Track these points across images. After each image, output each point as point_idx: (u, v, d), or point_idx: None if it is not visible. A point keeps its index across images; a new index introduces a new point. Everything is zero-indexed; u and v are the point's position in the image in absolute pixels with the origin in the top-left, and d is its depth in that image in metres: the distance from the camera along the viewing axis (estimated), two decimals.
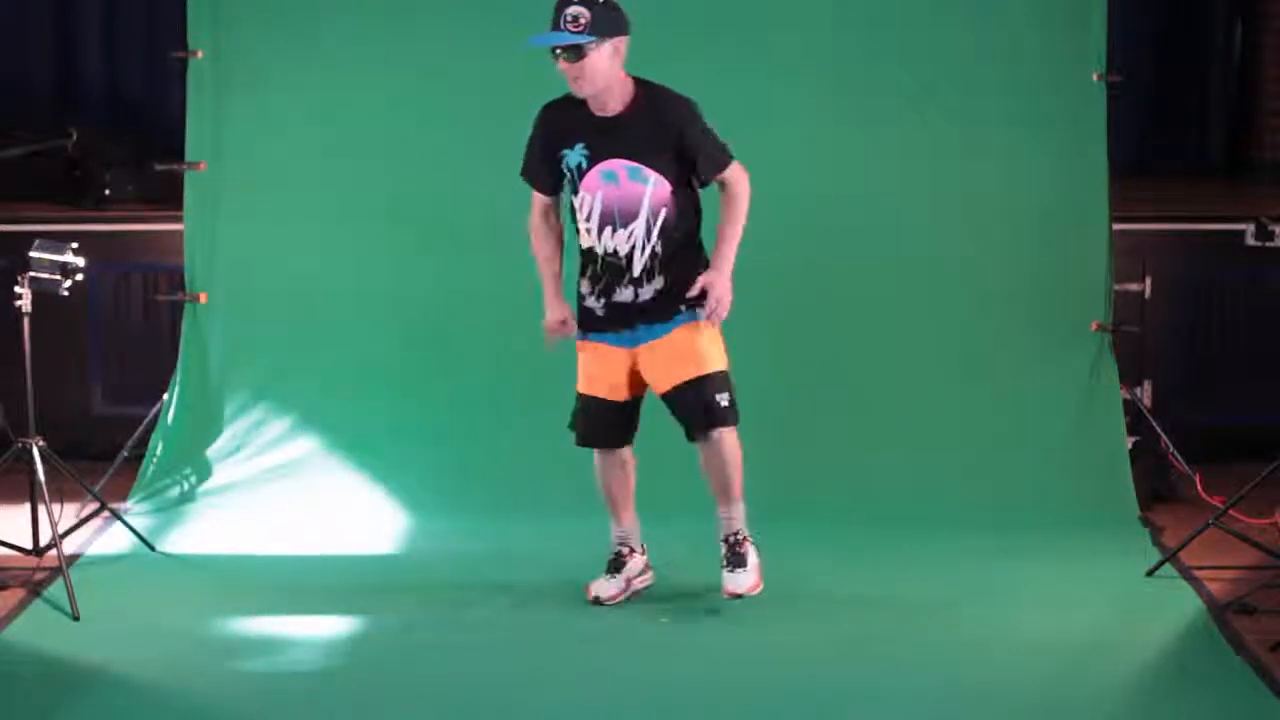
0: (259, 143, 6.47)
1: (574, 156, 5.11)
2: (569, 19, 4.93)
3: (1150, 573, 5.55)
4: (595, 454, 5.31)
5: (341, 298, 6.44)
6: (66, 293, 5.57)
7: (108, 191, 7.11)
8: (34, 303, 5.51)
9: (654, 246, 5.08)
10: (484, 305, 6.38)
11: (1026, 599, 5.39)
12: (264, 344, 6.46)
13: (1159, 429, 6.31)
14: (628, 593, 5.33)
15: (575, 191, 5.15)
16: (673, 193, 5.08)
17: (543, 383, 6.21)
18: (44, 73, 8.11)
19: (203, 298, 6.43)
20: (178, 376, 6.44)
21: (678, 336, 5.12)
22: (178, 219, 6.49)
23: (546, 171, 5.20)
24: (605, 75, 4.99)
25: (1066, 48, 6.29)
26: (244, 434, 6.40)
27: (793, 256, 5.97)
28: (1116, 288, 6.29)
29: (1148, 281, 6.33)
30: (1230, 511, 5.64)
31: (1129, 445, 6.23)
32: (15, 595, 5.33)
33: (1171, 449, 6.29)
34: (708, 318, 5.08)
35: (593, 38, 4.93)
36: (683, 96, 5.10)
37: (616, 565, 5.33)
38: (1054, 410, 6.25)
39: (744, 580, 5.18)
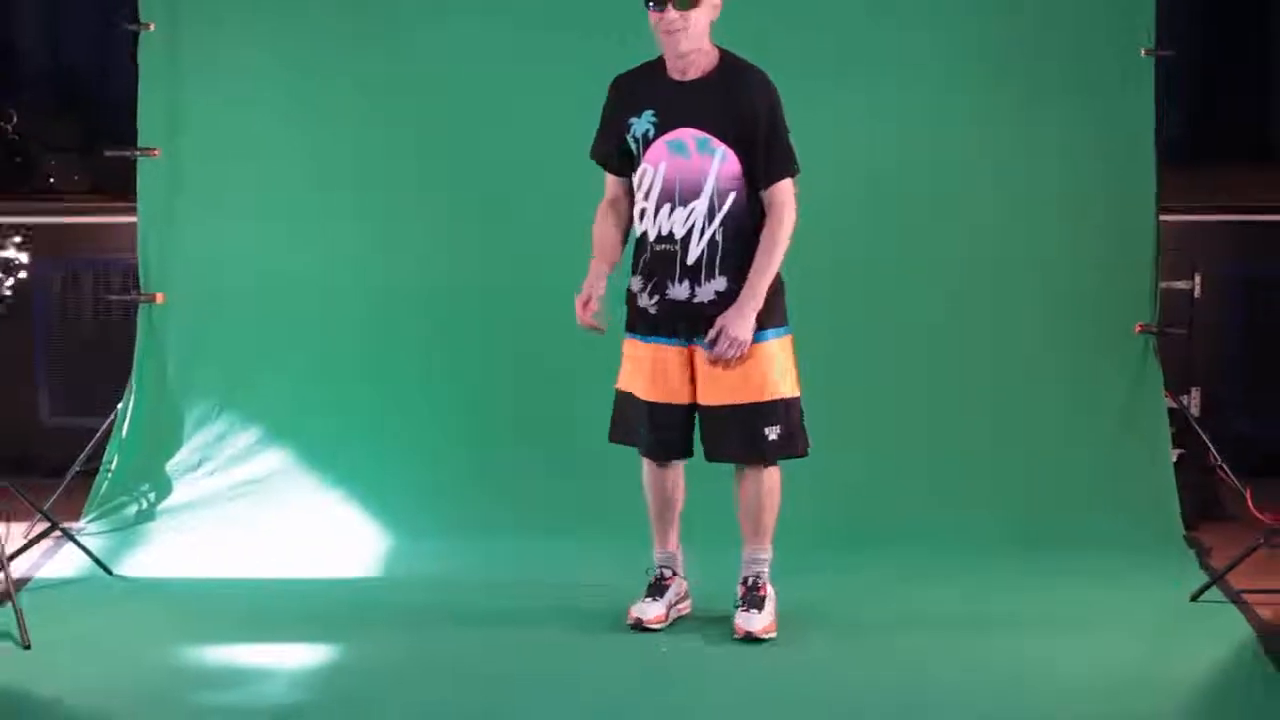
0: (220, 126, 6.52)
1: (641, 124, 5.15)
2: None
3: (1195, 597, 5.59)
4: (645, 466, 5.34)
5: (312, 297, 6.49)
6: (9, 293, 5.59)
7: (52, 180, 7.18)
8: None
9: (714, 233, 5.09)
10: (470, 304, 6.47)
11: (1061, 625, 5.41)
12: (228, 348, 6.50)
13: (1207, 440, 6.35)
14: (669, 619, 5.36)
15: (637, 164, 5.16)
16: (743, 173, 5.10)
17: (532, 389, 6.43)
18: None
19: (159, 298, 6.50)
20: (133, 384, 6.48)
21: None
22: (131, 211, 6.54)
23: (614, 146, 5.22)
24: (703, 32, 5.07)
25: (1113, 20, 6.33)
26: (207, 447, 6.46)
27: (821, 257, 5.95)
28: (1162, 285, 6.34)
29: (1197, 279, 6.45)
30: None
31: (1174, 458, 6.28)
32: None
33: (1220, 462, 6.33)
34: (711, 361, 5.11)
35: None
36: (767, 78, 5.13)
37: (659, 589, 5.37)
38: (1093, 420, 6.31)
39: (758, 621, 5.21)
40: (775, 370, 5.17)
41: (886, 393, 6.38)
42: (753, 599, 5.26)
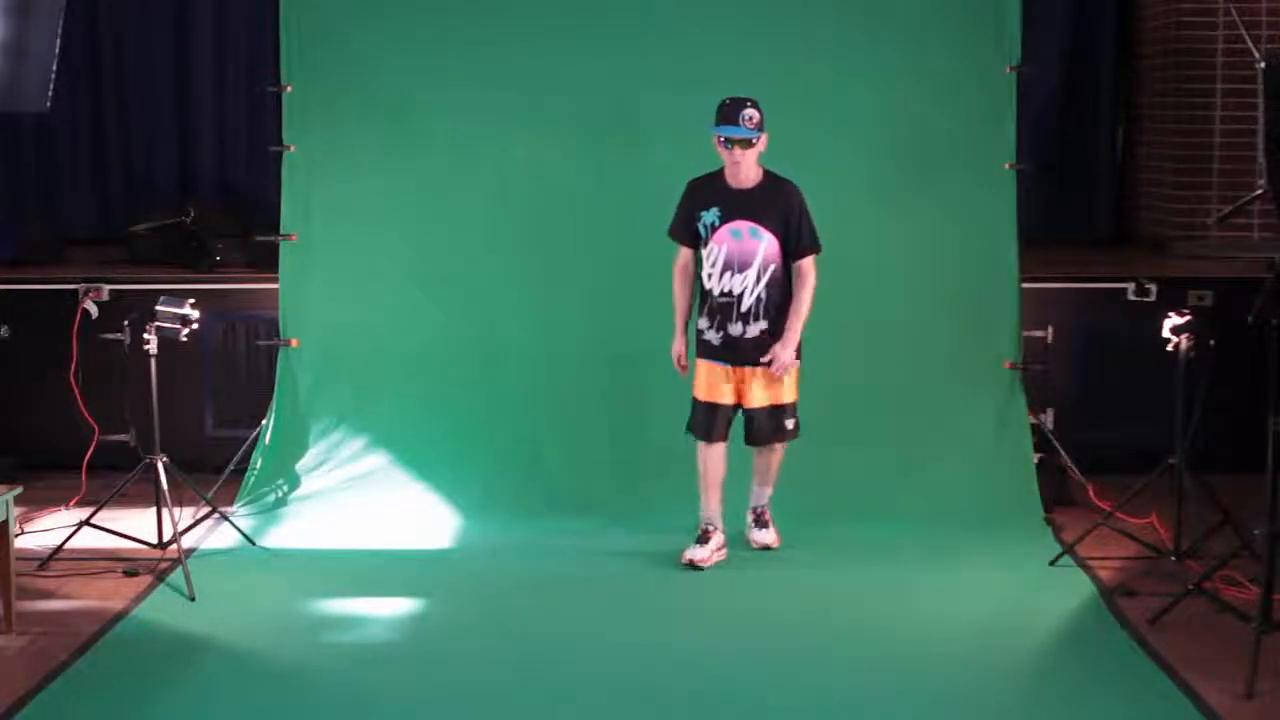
0: (340, 219, 6.43)
1: (709, 216, 5.36)
2: (745, 118, 5.25)
3: (1053, 563, 5.54)
4: (700, 447, 5.49)
5: (404, 341, 6.37)
6: (185, 339, 5.60)
7: (218, 258, 7.08)
8: (159, 346, 5.54)
9: (759, 292, 5.34)
10: (519, 346, 6.32)
11: (954, 581, 5.37)
12: (342, 380, 6.41)
13: (1059, 447, 6.26)
14: (712, 561, 5.47)
15: (706, 243, 5.38)
16: (780, 253, 5.35)
17: (571, 412, 6.29)
18: (169, 164, 8.14)
19: (294, 343, 6.41)
20: (273, 405, 6.42)
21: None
22: (274, 279, 6.47)
23: (686, 229, 5.43)
24: (754, 160, 5.33)
25: (982, 143, 6.21)
26: (327, 452, 6.36)
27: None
28: (1025, 334, 6.25)
29: (1050, 329, 6.31)
30: (1116, 513, 5.65)
31: (1035, 460, 6.18)
32: (144, 581, 5.34)
33: (1069, 463, 6.25)
34: (775, 374, 5.38)
35: (760, 133, 5.28)
36: (797, 187, 5.36)
37: (704, 539, 5.50)
38: (976, 432, 6.20)
39: (767, 537, 5.62)
40: (790, 381, 5.49)
41: (838, 407, 6.11)
42: (760, 522, 5.66)
